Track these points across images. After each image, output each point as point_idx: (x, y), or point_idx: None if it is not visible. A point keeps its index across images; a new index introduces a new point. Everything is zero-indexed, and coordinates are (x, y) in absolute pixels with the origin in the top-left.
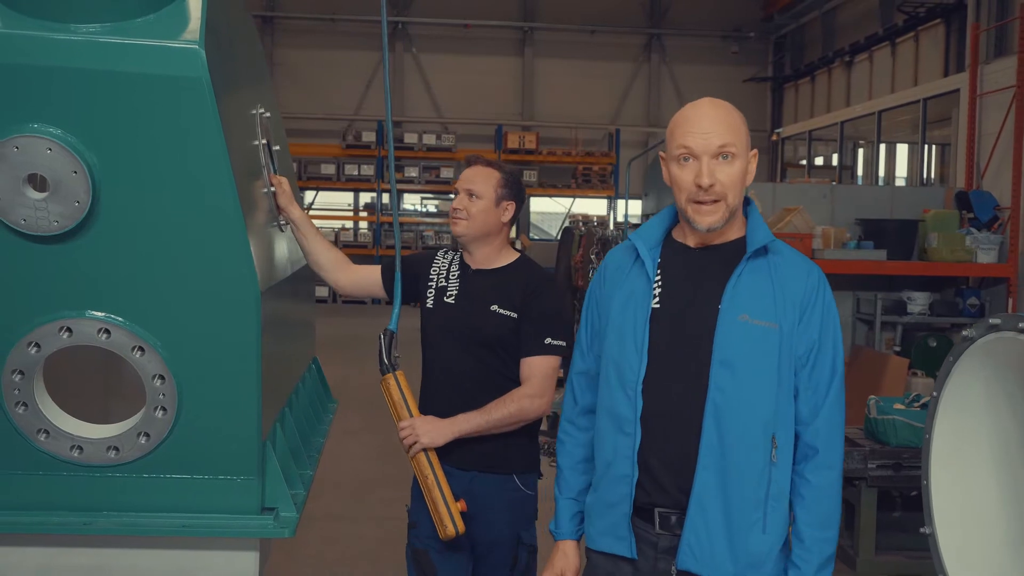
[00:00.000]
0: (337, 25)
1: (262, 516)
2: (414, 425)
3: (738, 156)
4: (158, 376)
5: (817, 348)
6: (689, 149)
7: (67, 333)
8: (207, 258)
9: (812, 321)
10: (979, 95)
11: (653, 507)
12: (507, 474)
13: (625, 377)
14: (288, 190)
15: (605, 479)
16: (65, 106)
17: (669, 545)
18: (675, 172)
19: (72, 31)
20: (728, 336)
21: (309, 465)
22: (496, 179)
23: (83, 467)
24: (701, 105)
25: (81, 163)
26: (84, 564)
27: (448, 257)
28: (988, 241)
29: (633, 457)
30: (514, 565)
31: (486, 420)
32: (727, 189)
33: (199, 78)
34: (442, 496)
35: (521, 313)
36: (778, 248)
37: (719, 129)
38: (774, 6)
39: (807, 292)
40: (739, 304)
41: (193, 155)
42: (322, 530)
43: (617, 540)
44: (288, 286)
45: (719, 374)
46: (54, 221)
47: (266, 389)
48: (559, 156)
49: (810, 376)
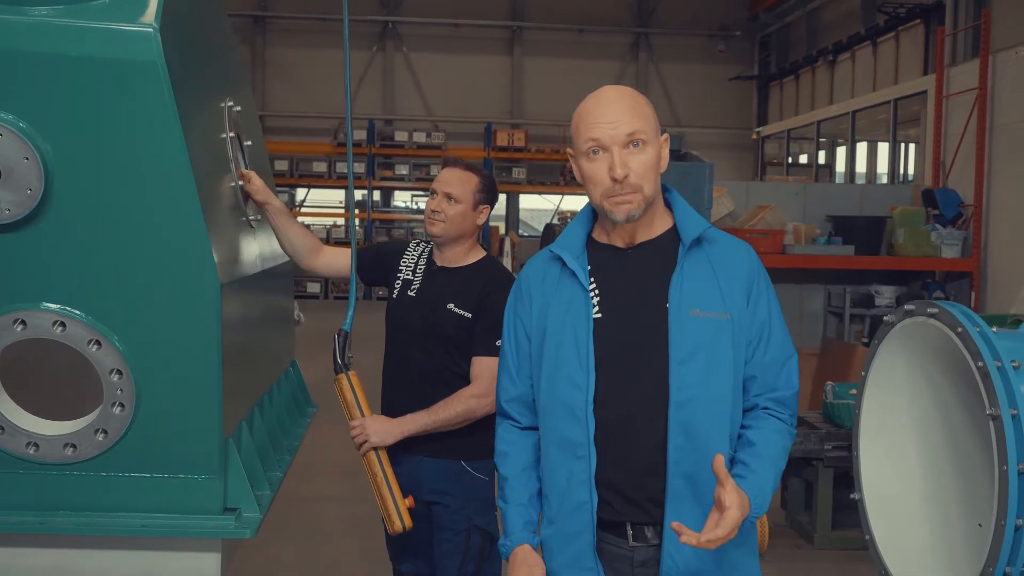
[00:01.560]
0: (328, 25)
1: (223, 516)
2: (364, 424)
3: (649, 142)
4: (115, 371)
5: (769, 326)
6: (597, 141)
7: (21, 326)
8: (165, 249)
9: (760, 302)
10: (945, 96)
11: (624, 522)
12: (453, 459)
13: (572, 400)
14: (259, 183)
15: (562, 510)
16: (17, 90)
17: (645, 557)
18: (586, 168)
19: (23, 13)
20: (683, 333)
21: (279, 467)
22: (474, 184)
23: (39, 465)
24: (604, 94)
25: (33, 149)
26: (43, 565)
27: (418, 250)
28: (952, 237)
29: (590, 482)
30: (467, 550)
31: (433, 420)
32: (642, 179)
33: (154, 63)
34: (391, 493)
35: (475, 313)
36: (712, 236)
37: (626, 116)
38: (759, 5)
39: (750, 274)
40: (687, 299)
41: (149, 142)
42: (311, 509)
43: (583, 572)
44: (257, 282)
45: (679, 373)
46: (5, 209)
47: (229, 386)
48: (547, 154)
49: (765, 352)
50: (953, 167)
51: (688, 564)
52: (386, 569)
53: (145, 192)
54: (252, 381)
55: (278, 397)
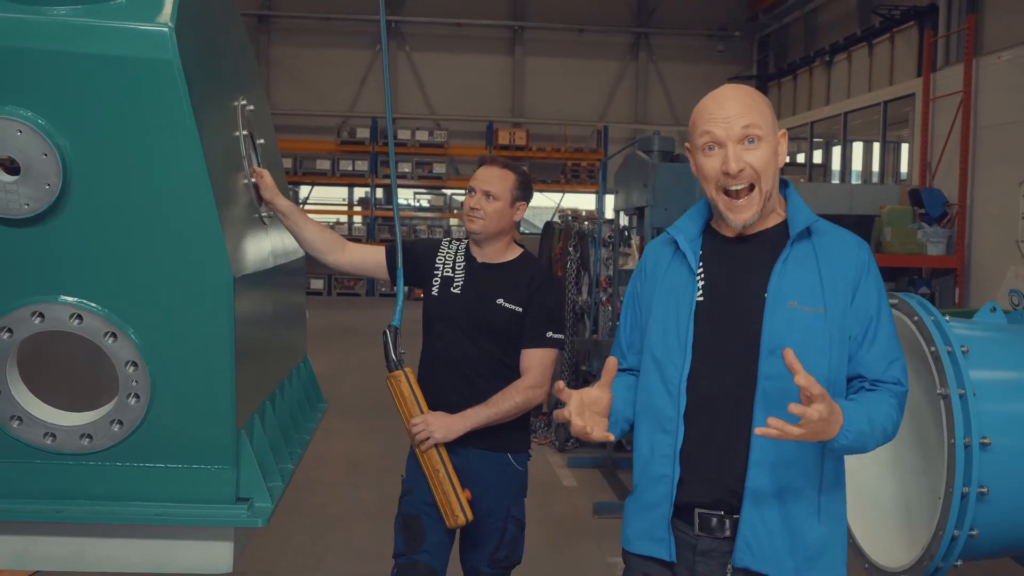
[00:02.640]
0: (332, 24)
1: (236, 505)
2: (427, 421)
3: (764, 138)
4: (131, 363)
5: (877, 324)
6: (712, 135)
7: (39, 318)
8: (179, 243)
9: (867, 299)
10: (932, 99)
11: (692, 507)
12: (502, 452)
13: (667, 373)
14: (271, 182)
15: (643, 479)
16: (35, 88)
17: (708, 548)
18: (701, 162)
19: (42, 12)
20: (777, 324)
21: (290, 460)
22: (512, 181)
23: (56, 455)
24: (721, 91)
25: (51, 146)
26: (59, 553)
27: (454, 247)
28: (937, 235)
29: (675, 456)
30: (503, 536)
31: (494, 412)
32: (758, 173)
33: (169, 60)
34: (453, 488)
35: (526, 306)
36: (822, 228)
37: (741, 111)
38: (758, 6)
39: (858, 270)
40: (786, 291)
41: (164, 139)
42: (323, 493)
43: (655, 543)
44: (270, 278)
45: (769, 364)
46: (24, 204)
47: (242, 378)
48: (548, 152)
49: (869, 349)
50: (939, 168)
51: (761, 546)
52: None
53: (160, 188)
54: (264, 375)
55: (290, 392)
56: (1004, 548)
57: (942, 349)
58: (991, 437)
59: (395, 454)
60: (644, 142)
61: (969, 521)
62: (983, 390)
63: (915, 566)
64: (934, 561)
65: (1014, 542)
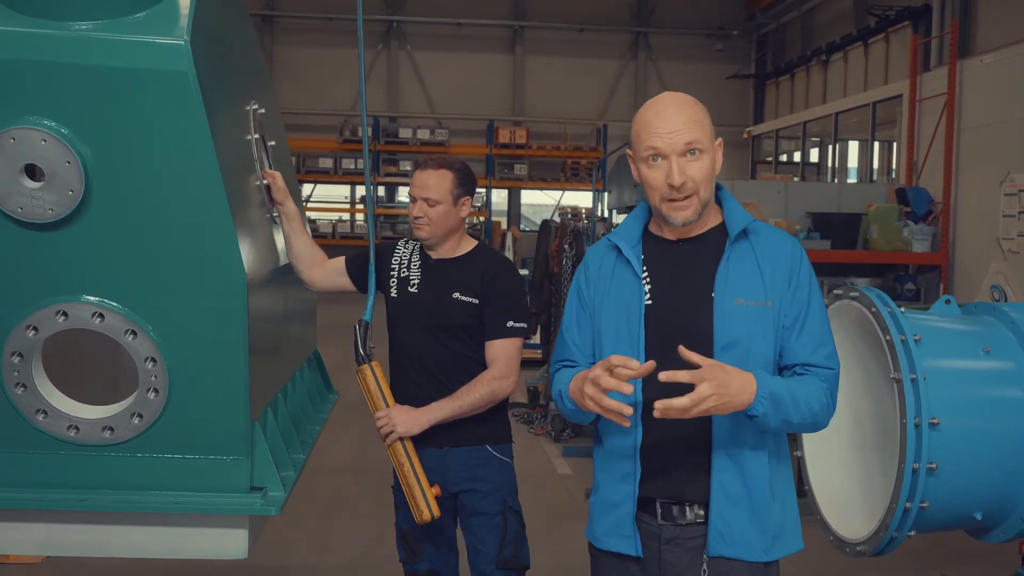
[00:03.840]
0: (334, 24)
1: (250, 494)
2: (390, 415)
3: (705, 151)
4: (150, 359)
5: (807, 311)
6: (657, 150)
7: (63, 317)
8: (196, 245)
9: (800, 288)
10: (918, 101)
11: (654, 499)
12: (479, 445)
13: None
14: (282, 185)
15: (606, 478)
16: (59, 99)
17: (672, 536)
18: (645, 173)
19: (65, 28)
20: (727, 320)
21: (302, 450)
22: (450, 180)
23: (79, 446)
24: (663, 104)
25: (74, 154)
26: (82, 540)
27: (409, 247)
28: (922, 232)
29: (635, 455)
30: (505, 532)
31: (459, 406)
32: (699, 184)
33: (185, 72)
34: (418, 483)
35: (482, 298)
36: (757, 228)
37: (684, 127)
38: (756, 5)
39: (793, 262)
40: (732, 289)
41: (181, 147)
42: (331, 478)
43: (622, 539)
44: (282, 276)
45: (722, 358)
46: (49, 209)
47: (256, 373)
48: (548, 150)
49: (799, 335)
50: (925, 167)
51: (732, 533)
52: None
53: (177, 192)
54: (276, 368)
55: (301, 384)
56: (953, 520)
57: (896, 337)
58: (940, 418)
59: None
60: None
61: (920, 494)
62: (933, 375)
63: (872, 537)
64: (889, 531)
65: (962, 515)
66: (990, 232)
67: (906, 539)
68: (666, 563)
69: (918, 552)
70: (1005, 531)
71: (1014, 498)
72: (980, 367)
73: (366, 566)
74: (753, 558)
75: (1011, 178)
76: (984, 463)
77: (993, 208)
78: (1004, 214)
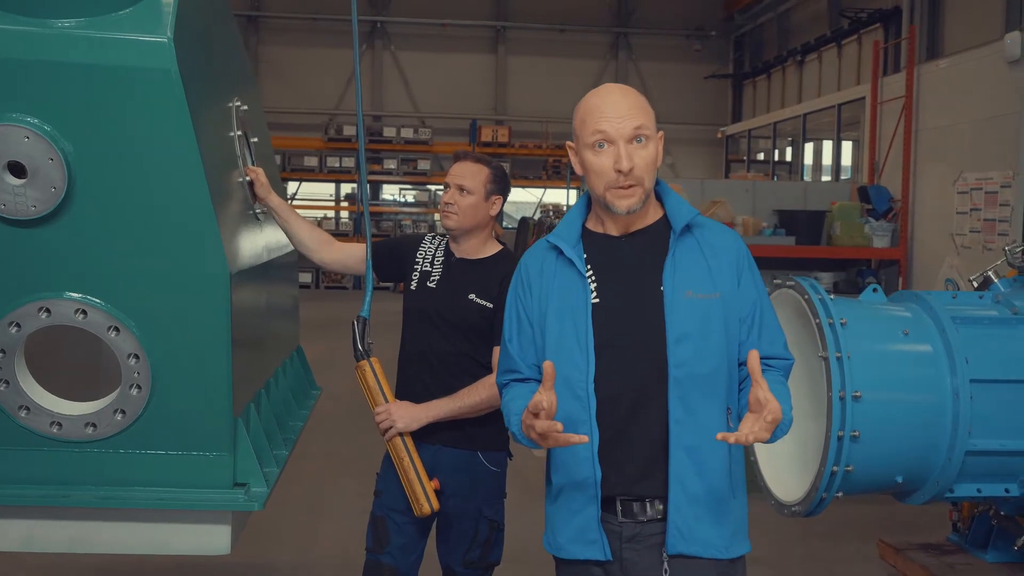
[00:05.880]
0: (318, 24)
1: (233, 490)
2: (389, 410)
3: (651, 138)
4: (132, 355)
5: (760, 306)
6: (605, 134)
7: (46, 313)
8: (178, 242)
9: (748, 284)
10: (880, 103)
11: (614, 498)
12: (471, 450)
13: (572, 379)
14: (264, 180)
15: (566, 487)
16: (42, 97)
17: (633, 533)
18: (590, 160)
19: (48, 26)
20: (678, 313)
21: (284, 446)
22: (485, 175)
23: (62, 442)
24: (609, 91)
25: (57, 151)
26: (65, 536)
27: (435, 243)
28: (882, 229)
29: (593, 457)
30: (474, 538)
31: (458, 406)
32: (643, 172)
33: (168, 70)
34: (418, 477)
35: (497, 303)
36: (701, 222)
37: (631, 112)
38: (734, 6)
39: (738, 257)
40: (680, 282)
41: (164, 144)
42: (319, 463)
43: (588, 545)
44: (264, 272)
45: (676, 352)
46: (32, 206)
47: (238, 369)
48: (530, 149)
49: (760, 332)
50: (885, 167)
51: (691, 530)
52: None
53: (160, 189)
54: (259, 365)
55: (283, 380)
56: (877, 483)
57: (824, 321)
58: (862, 391)
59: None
60: None
61: (845, 459)
62: (856, 354)
63: (805, 499)
64: (819, 492)
65: (884, 478)
66: (945, 228)
67: (836, 501)
68: (628, 562)
69: (864, 523)
70: (924, 493)
71: (930, 463)
72: (899, 348)
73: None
74: (712, 555)
75: (963, 177)
76: (902, 432)
77: (948, 206)
78: (957, 211)
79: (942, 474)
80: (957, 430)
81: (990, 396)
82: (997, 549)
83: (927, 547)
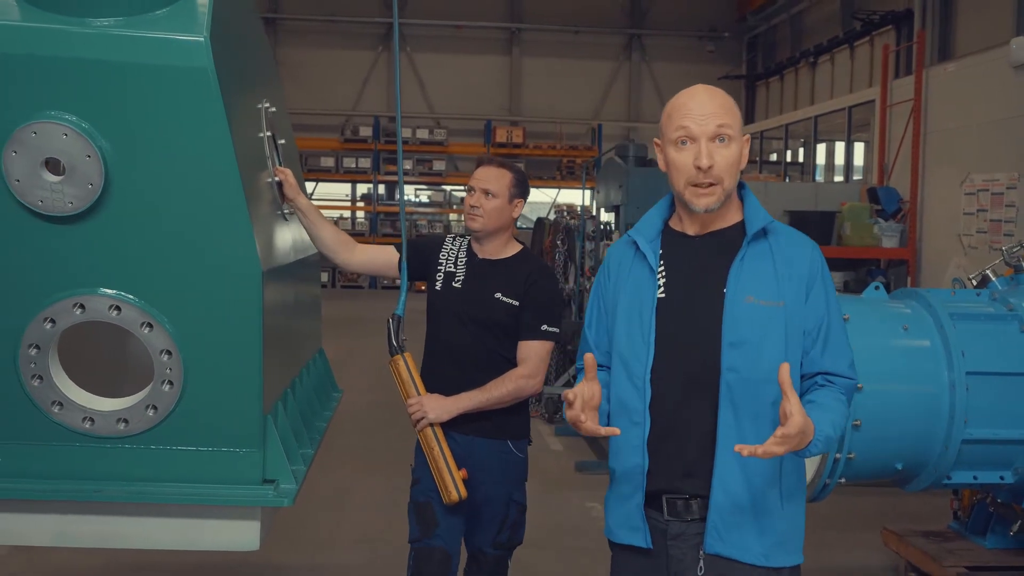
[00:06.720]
0: (336, 26)
1: (263, 487)
2: (421, 402)
3: (734, 139)
4: (165, 351)
5: (828, 322)
6: (687, 131)
7: (80, 309)
8: (212, 240)
9: (818, 297)
10: (889, 106)
11: (661, 494)
12: (501, 439)
13: (632, 368)
14: (293, 181)
15: (618, 470)
16: (80, 95)
17: (679, 531)
18: (673, 156)
19: (87, 25)
20: (736, 318)
21: (310, 445)
22: (509, 179)
23: (94, 438)
24: (697, 90)
25: (94, 148)
26: (97, 531)
27: (457, 244)
28: (891, 229)
29: (643, 447)
30: (504, 520)
31: (487, 398)
32: (724, 172)
33: (205, 69)
34: (447, 465)
35: (522, 300)
36: (776, 228)
37: (716, 111)
38: (747, 7)
39: (812, 269)
40: (744, 286)
41: (199, 142)
42: (342, 457)
43: (632, 531)
44: (292, 271)
45: (730, 355)
46: (69, 202)
47: (268, 367)
48: (544, 150)
49: (824, 348)
50: (894, 168)
51: (729, 531)
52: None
53: (194, 187)
54: (287, 363)
55: (307, 380)
56: (878, 470)
57: None
58: (863, 384)
59: (405, 438)
60: (621, 148)
61: (847, 447)
62: (859, 348)
63: (810, 484)
64: (822, 479)
65: (884, 465)
66: (953, 229)
67: (842, 490)
68: (673, 559)
69: (870, 513)
70: (923, 480)
71: (928, 451)
72: (899, 342)
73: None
74: (749, 560)
75: (971, 178)
76: (901, 421)
77: (955, 207)
78: (964, 212)
79: (940, 461)
80: (954, 420)
81: (985, 388)
82: (995, 535)
83: (929, 534)
